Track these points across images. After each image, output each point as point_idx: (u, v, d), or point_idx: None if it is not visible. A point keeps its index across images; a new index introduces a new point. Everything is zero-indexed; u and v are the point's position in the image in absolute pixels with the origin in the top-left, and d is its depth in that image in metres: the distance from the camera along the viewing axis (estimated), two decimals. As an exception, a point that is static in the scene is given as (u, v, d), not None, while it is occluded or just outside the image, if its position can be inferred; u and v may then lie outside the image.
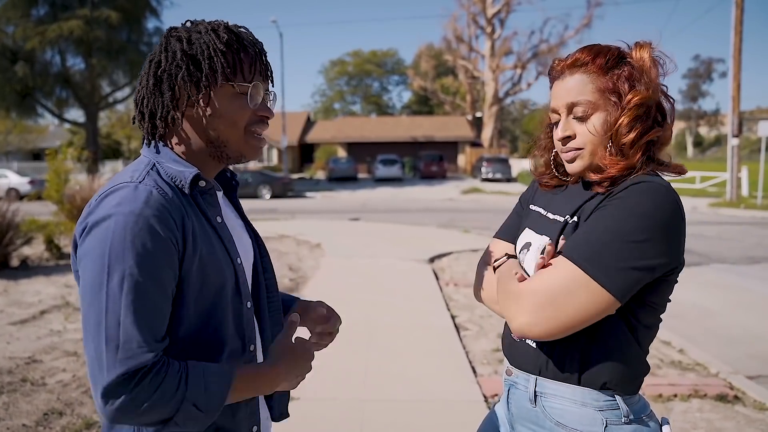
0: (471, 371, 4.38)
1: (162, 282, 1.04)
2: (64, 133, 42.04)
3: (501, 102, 42.58)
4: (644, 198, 1.14)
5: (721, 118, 66.07)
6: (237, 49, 1.14)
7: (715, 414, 3.71)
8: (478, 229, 13.36)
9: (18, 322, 5.57)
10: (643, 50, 1.25)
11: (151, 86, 1.15)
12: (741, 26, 18.37)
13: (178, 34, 1.16)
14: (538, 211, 1.41)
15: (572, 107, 1.27)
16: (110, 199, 1.04)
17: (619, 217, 1.14)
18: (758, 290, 7.42)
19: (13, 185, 24.73)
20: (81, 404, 3.76)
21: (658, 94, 1.24)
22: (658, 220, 1.12)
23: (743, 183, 20.83)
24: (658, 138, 1.25)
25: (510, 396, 1.38)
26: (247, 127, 1.17)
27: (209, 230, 1.16)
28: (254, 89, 1.16)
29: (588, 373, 1.21)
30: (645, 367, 1.26)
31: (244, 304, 1.21)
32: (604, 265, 1.11)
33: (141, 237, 1.00)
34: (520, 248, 1.39)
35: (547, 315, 1.14)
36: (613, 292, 1.12)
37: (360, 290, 7.06)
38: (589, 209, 1.23)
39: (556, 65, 1.32)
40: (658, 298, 1.20)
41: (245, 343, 1.22)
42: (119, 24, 26.19)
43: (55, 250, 9.12)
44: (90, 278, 1.01)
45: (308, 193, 27.35)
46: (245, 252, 1.28)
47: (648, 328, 1.23)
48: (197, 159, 1.19)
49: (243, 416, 1.23)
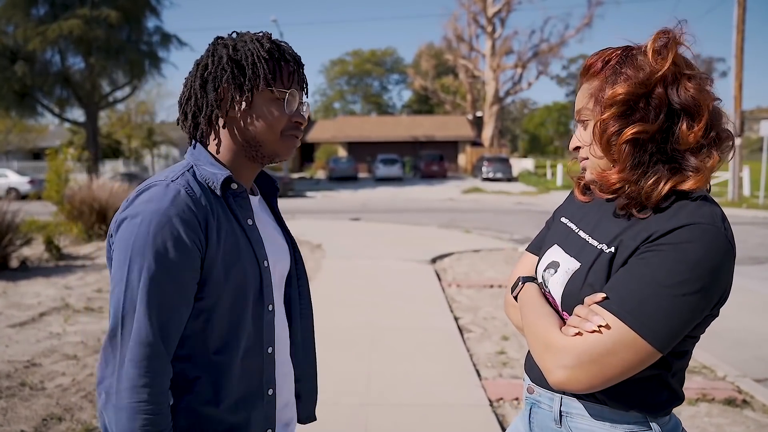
0: (475, 374, 4.33)
1: (180, 282, 1.11)
2: (64, 132, 41.97)
3: (501, 101, 42.54)
4: (695, 246, 1.03)
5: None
6: (278, 59, 1.23)
7: (723, 419, 3.66)
8: (479, 229, 13.32)
9: (17, 325, 5.52)
10: (651, 38, 1.14)
11: (198, 87, 1.24)
12: (743, 25, 18.34)
13: (225, 42, 1.25)
14: (569, 226, 1.32)
15: (579, 117, 1.22)
16: (143, 196, 1.13)
17: (668, 267, 1.03)
18: (763, 291, 7.37)
19: (13, 185, 24.69)
20: (80, 409, 3.70)
21: (647, 87, 1.10)
22: (711, 268, 1.03)
23: (745, 182, 20.80)
24: (669, 139, 1.11)
25: (532, 415, 1.31)
26: (283, 131, 1.25)
27: (238, 231, 1.22)
28: (291, 96, 1.24)
29: (617, 394, 1.14)
30: (676, 394, 1.17)
31: (265, 306, 1.26)
32: (653, 321, 1.02)
33: (162, 235, 1.08)
34: (545, 266, 1.29)
35: (588, 373, 1.04)
36: (659, 347, 1.03)
37: (361, 292, 7.01)
38: (629, 245, 1.11)
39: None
40: (694, 331, 1.12)
41: (263, 344, 1.26)
42: (119, 23, 26.15)
43: (54, 251, 9.07)
44: (116, 269, 1.11)
45: (308, 193, 27.31)
46: (277, 257, 1.34)
47: (679, 357, 1.15)
48: (233, 159, 1.26)
49: (257, 416, 1.27)
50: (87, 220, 10.57)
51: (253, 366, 1.25)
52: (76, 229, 10.66)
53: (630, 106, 1.11)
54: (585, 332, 1.06)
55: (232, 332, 1.20)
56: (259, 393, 1.27)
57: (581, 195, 1.33)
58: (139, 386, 1.07)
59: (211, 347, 1.19)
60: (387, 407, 3.77)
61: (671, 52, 1.11)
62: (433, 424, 3.56)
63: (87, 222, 10.57)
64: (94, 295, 6.80)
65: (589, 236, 1.22)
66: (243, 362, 1.23)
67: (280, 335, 1.36)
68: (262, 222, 1.33)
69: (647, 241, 1.08)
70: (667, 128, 1.11)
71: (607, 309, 1.06)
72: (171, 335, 1.12)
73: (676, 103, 1.10)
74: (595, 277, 1.14)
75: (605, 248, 1.15)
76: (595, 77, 1.18)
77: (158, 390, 1.09)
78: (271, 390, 1.29)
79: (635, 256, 1.09)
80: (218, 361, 1.20)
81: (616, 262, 1.12)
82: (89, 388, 4.02)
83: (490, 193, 25.82)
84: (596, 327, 1.05)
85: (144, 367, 1.07)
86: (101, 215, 10.57)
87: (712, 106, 1.11)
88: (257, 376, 1.26)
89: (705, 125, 1.09)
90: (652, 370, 1.11)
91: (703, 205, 1.09)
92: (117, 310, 1.09)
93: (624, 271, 1.09)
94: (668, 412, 1.18)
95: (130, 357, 1.07)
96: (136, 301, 1.08)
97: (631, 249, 1.10)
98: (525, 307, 1.26)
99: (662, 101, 1.10)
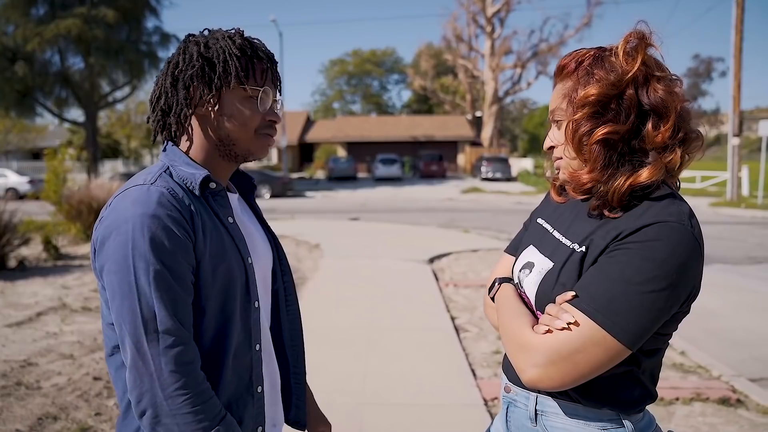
0: (471, 374, 4.33)
1: (181, 276, 1.10)
2: (63, 132, 42.02)
3: (501, 101, 42.51)
4: (662, 244, 1.04)
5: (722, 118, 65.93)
6: (250, 56, 1.21)
7: (717, 418, 3.67)
8: (478, 229, 13.32)
9: (14, 324, 5.52)
10: (621, 41, 1.15)
11: (168, 85, 1.22)
12: (742, 25, 18.34)
13: (196, 39, 1.23)
14: (544, 227, 1.33)
15: (553, 117, 1.24)
16: (125, 201, 1.11)
17: (635, 265, 1.05)
18: (761, 291, 7.38)
19: (13, 185, 24.67)
20: (76, 408, 3.71)
21: (618, 88, 1.11)
22: (678, 265, 1.04)
23: (744, 182, 20.81)
24: (639, 139, 1.12)
25: (509, 414, 1.32)
26: (256, 130, 1.24)
27: (221, 229, 1.21)
28: (264, 94, 1.23)
29: (589, 392, 1.16)
30: (648, 391, 1.19)
31: (252, 303, 1.26)
32: (621, 318, 1.04)
33: (158, 235, 1.07)
34: (521, 266, 1.31)
35: (560, 371, 1.06)
36: (628, 344, 1.05)
37: (359, 292, 7.02)
38: (599, 243, 1.13)
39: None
40: (664, 329, 1.13)
41: (251, 341, 1.26)
42: (118, 23, 26.16)
43: (52, 251, 9.07)
44: (117, 280, 1.07)
45: (308, 193, 27.32)
46: (259, 254, 1.33)
47: (650, 355, 1.16)
48: (207, 158, 1.25)
49: (249, 416, 1.27)
50: (85, 220, 10.56)
51: (243, 364, 1.25)
52: (75, 229, 10.66)
53: (601, 107, 1.13)
54: (555, 330, 1.08)
55: (222, 331, 1.20)
56: (249, 391, 1.27)
57: (557, 196, 1.36)
58: (186, 384, 1.07)
59: (203, 347, 1.18)
60: (382, 407, 3.78)
61: (640, 53, 1.13)
62: (428, 423, 3.56)
63: (85, 222, 10.57)
64: (91, 294, 6.80)
65: (563, 236, 1.24)
66: (234, 360, 1.22)
67: (266, 332, 1.36)
68: (243, 220, 1.33)
69: (616, 239, 1.10)
70: (637, 129, 1.13)
71: (577, 307, 1.07)
72: (189, 328, 1.13)
73: (645, 104, 1.12)
74: (567, 276, 1.15)
75: (577, 247, 1.17)
76: (569, 78, 1.19)
77: (201, 378, 1.11)
78: (260, 387, 1.29)
79: (605, 255, 1.11)
80: (211, 361, 1.19)
81: (587, 261, 1.14)
82: (85, 387, 4.03)
83: (490, 193, 25.82)
84: (566, 324, 1.06)
85: (183, 364, 1.08)
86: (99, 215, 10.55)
87: (680, 107, 1.13)
88: (247, 374, 1.26)
89: (672, 126, 1.11)
90: (622, 367, 1.12)
91: (671, 204, 1.10)
92: (135, 321, 1.06)
93: (594, 270, 1.11)
94: (641, 409, 1.20)
95: (167, 360, 1.06)
96: (153, 306, 1.06)
97: (601, 248, 1.12)
98: (500, 308, 1.27)
99: (633, 102, 1.12)
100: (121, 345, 1.09)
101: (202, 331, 1.17)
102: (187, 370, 1.08)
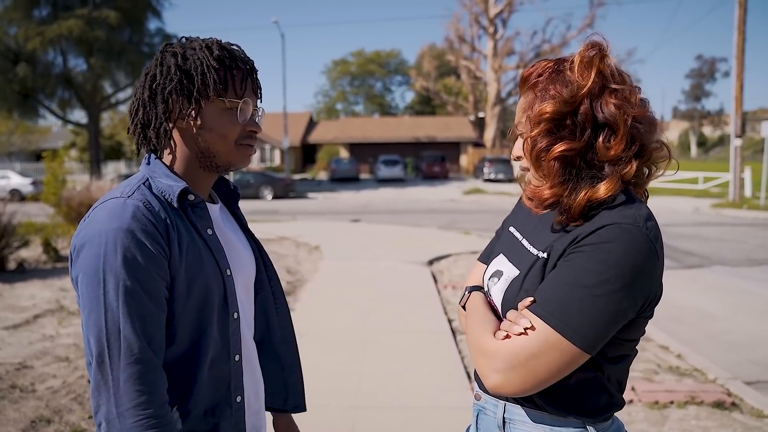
0: (466, 377, 4.32)
1: (153, 292, 1.10)
2: (67, 133, 42.13)
3: (503, 102, 42.43)
4: (614, 245, 1.04)
5: (725, 118, 65.78)
6: (229, 66, 1.20)
7: (711, 422, 3.65)
8: (478, 230, 13.32)
9: (11, 327, 5.53)
10: (577, 54, 1.14)
11: (146, 98, 1.21)
12: (744, 26, 18.28)
13: (174, 50, 1.21)
14: (515, 235, 1.34)
15: (516, 130, 1.24)
16: (101, 213, 1.11)
17: (588, 268, 1.05)
18: (760, 293, 7.34)
19: (16, 186, 24.75)
20: (70, 411, 3.71)
21: (572, 105, 1.10)
22: (631, 267, 1.03)
23: (746, 183, 20.73)
24: (595, 152, 1.11)
25: (479, 421, 1.33)
26: (236, 141, 1.23)
27: (199, 242, 1.21)
28: (244, 105, 1.22)
29: (555, 399, 1.16)
30: (614, 399, 1.18)
31: (230, 314, 1.26)
32: (575, 322, 1.04)
33: (131, 250, 1.07)
34: (490, 274, 1.32)
35: (520, 376, 1.06)
36: (584, 347, 1.05)
37: (357, 294, 7.01)
38: (558, 249, 1.13)
39: None
40: (627, 335, 1.12)
41: (230, 352, 1.26)
42: (120, 24, 26.16)
43: (52, 253, 9.08)
44: (87, 292, 1.07)
45: (310, 194, 27.32)
46: (241, 264, 1.33)
47: (614, 362, 1.15)
48: (188, 170, 1.25)
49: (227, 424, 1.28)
50: (86, 222, 10.59)
51: (220, 374, 1.25)
52: (74, 231, 10.68)
53: (556, 124, 1.12)
54: (513, 335, 1.08)
55: (198, 341, 1.20)
56: (228, 401, 1.27)
57: (529, 201, 1.35)
58: (141, 403, 1.05)
59: (178, 356, 1.18)
60: (376, 409, 3.77)
61: (595, 66, 1.12)
62: (421, 426, 3.56)
63: (85, 224, 10.59)
64: (89, 296, 6.80)
65: (531, 245, 1.24)
66: (210, 371, 1.22)
67: (248, 343, 1.35)
68: (224, 230, 1.33)
69: (572, 243, 1.10)
70: (592, 143, 1.12)
71: (533, 312, 1.08)
72: (159, 346, 1.11)
73: (600, 118, 1.11)
74: (530, 282, 1.16)
75: (540, 254, 1.18)
76: (531, 90, 1.19)
77: (160, 402, 1.08)
78: (239, 398, 1.29)
79: (561, 259, 1.11)
80: (185, 370, 1.19)
81: (548, 267, 1.15)
82: (79, 390, 4.03)
83: (491, 194, 25.78)
84: (522, 329, 1.07)
85: (141, 383, 1.06)
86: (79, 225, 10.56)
87: (632, 119, 1.11)
88: (225, 384, 1.26)
89: (623, 139, 1.10)
90: (587, 374, 1.13)
91: (628, 208, 1.09)
92: (100, 333, 1.06)
93: (551, 275, 1.12)
94: (608, 417, 1.19)
95: (125, 377, 1.05)
96: (119, 320, 1.05)
97: (559, 253, 1.13)
98: (468, 316, 1.29)
99: (588, 117, 1.11)
100: (87, 355, 1.09)
101: (176, 341, 1.17)
102: (145, 390, 1.06)
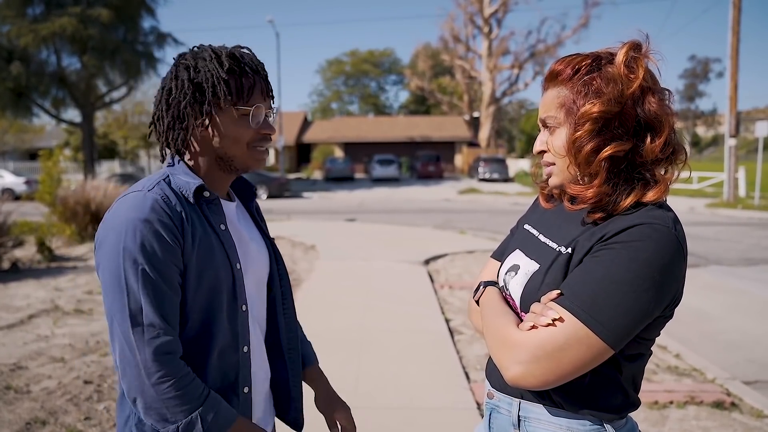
0: (464, 377, 4.31)
1: (168, 276, 1.19)
2: (61, 132, 41.86)
3: (498, 102, 42.51)
4: (645, 244, 1.06)
5: (719, 118, 66.07)
6: (239, 74, 1.28)
7: (711, 422, 3.65)
8: (474, 230, 13.30)
9: (5, 327, 5.48)
10: (621, 52, 1.14)
11: (164, 111, 1.31)
12: (738, 26, 18.34)
13: (186, 62, 1.29)
14: (530, 232, 1.34)
15: (544, 122, 1.23)
16: (123, 205, 1.21)
17: (619, 264, 1.06)
18: (756, 293, 7.36)
19: (9, 185, 24.61)
20: (65, 412, 3.67)
21: (620, 105, 1.11)
22: (660, 266, 1.05)
23: (740, 183, 20.81)
24: (636, 152, 1.13)
25: (492, 420, 1.32)
26: (250, 144, 1.32)
27: (212, 235, 1.29)
28: (256, 110, 1.30)
29: (572, 397, 1.16)
30: (630, 399, 1.19)
31: (239, 306, 1.33)
32: (604, 317, 1.05)
33: (148, 239, 1.17)
34: (506, 269, 1.32)
35: (542, 368, 1.06)
36: (611, 343, 1.05)
37: (353, 293, 6.99)
38: (584, 245, 1.14)
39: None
40: (647, 333, 1.13)
41: (239, 343, 1.33)
42: (113, 22, 25.98)
43: (47, 253, 9.02)
44: (110, 277, 1.17)
45: (305, 194, 27.29)
46: (253, 259, 1.40)
47: (631, 360, 1.16)
48: (207, 171, 1.34)
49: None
50: (80, 222, 10.51)
51: (229, 364, 1.31)
52: (69, 231, 10.60)
53: (604, 123, 1.13)
54: (540, 326, 1.08)
55: (207, 330, 1.28)
56: (235, 391, 1.32)
57: (545, 202, 1.36)
58: (169, 372, 1.16)
59: (188, 343, 1.25)
60: (373, 410, 3.75)
61: (641, 68, 1.13)
62: (419, 426, 3.54)
63: (80, 223, 10.52)
64: (84, 297, 6.76)
65: (550, 240, 1.25)
66: (218, 360, 1.29)
67: (257, 336, 1.42)
68: (238, 227, 1.40)
69: (601, 240, 1.11)
70: (638, 143, 1.14)
71: (561, 305, 1.08)
72: (174, 323, 1.21)
73: (641, 118, 1.12)
74: (552, 277, 1.16)
75: (563, 249, 1.18)
76: (564, 85, 1.18)
77: (181, 365, 1.19)
78: (246, 388, 1.35)
79: (589, 255, 1.12)
80: (195, 357, 1.26)
81: (572, 263, 1.15)
82: (75, 391, 3.99)
83: (486, 194, 25.80)
84: (550, 321, 1.07)
85: (166, 353, 1.16)
86: (95, 216, 10.48)
87: (672, 120, 1.13)
88: (233, 373, 1.32)
89: (665, 140, 1.12)
90: (605, 372, 1.13)
91: (657, 209, 1.12)
92: (124, 315, 1.16)
93: (578, 269, 1.12)
94: (623, 416, 1.20)
95: (150, 350, 1.15)
96: (140, 301, 1.16)
97: (586, 249, 1.13)
98: (485, 309, 1.28)
99: (632, 117, 1.13)
100: (111, 337, 1.18)
101: (187, 328, 1.25)
102: (168, 359, 1.17)
